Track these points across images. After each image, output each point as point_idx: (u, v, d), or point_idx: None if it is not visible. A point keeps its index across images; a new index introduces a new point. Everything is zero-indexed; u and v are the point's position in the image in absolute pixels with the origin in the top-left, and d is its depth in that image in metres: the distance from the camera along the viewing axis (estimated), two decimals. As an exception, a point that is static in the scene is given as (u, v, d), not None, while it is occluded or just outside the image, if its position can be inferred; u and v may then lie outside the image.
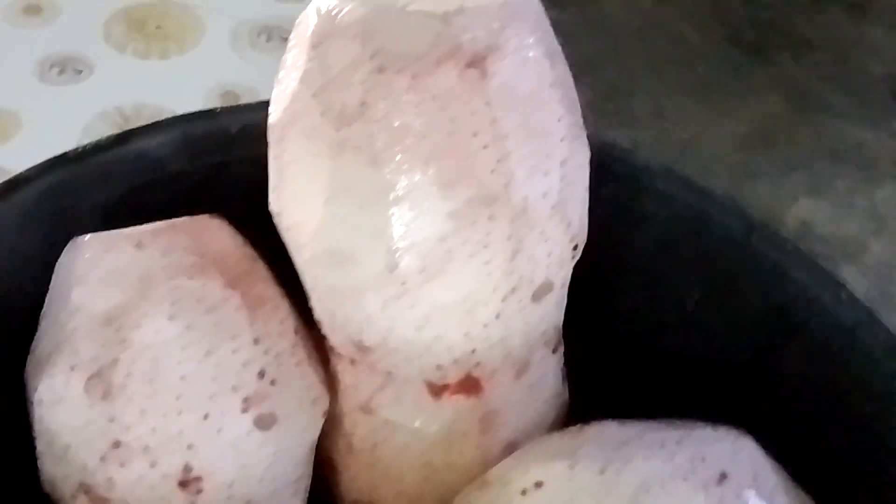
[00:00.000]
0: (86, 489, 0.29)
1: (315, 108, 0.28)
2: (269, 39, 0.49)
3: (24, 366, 0.30)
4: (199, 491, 0.29)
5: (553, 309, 0.32)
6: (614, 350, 0.36)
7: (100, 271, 0.30)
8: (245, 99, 0.48)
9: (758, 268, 0.33)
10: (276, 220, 0.30)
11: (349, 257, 0.29)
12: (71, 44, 0.51)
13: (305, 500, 0.33)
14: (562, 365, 0.35)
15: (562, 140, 0.29)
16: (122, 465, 0.28)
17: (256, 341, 0.30)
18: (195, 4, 0.53)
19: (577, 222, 0.30)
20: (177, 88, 0.48)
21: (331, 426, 0.34)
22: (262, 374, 0.30)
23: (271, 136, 0.30)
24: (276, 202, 0.30)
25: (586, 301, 0.33)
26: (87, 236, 0.30)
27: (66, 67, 0.51)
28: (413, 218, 0.28)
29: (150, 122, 0.33)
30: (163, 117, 0.33)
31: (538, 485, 0.27)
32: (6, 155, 0.47)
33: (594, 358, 0.35)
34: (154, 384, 0.28)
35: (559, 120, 0.29)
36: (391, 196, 0.28)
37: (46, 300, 0.31)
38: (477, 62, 0.27)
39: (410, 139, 0.27)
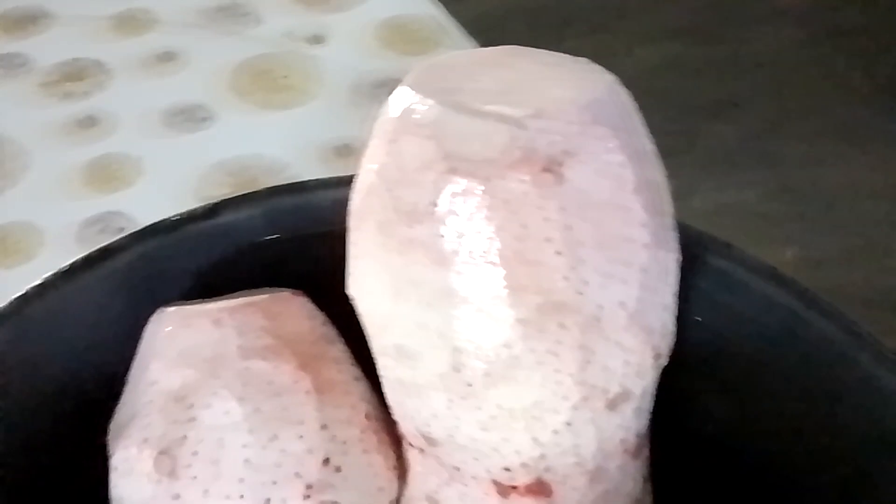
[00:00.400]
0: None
1: (389, 203, 0.28)
2: (390, 93, 0.49)
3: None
4: (255, 575, 0.29)
5: (632, 416, 0.30)
6: (696, 455, 0.34)
7: (177, 346, 0.30)
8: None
9: (862, 385, 0.30)
10: (353, 303, 0.30)
11: (414, 354, 0.28)
12: (198, 92, 0.53)
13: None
14: (645, 470, 0.33)
15: (644, 247, 0.28)
16: (180, 546, 0.29)
17: (324, 427, 0.30)
18: (320, 55, 0.54)
19: (660, 331, 0.29)
20: (294, 140, 0.49)
21: (398, 508, 0.33)
22: (326, 462, 0.30)
23: (349, 223, 0.30)
24: (351, 287, 0.30)
25: (669, 401, 0.31)
26: (171, 309, 0.31)
27: (191, 115, 0.53)
28: (479, 322, 0.27)
29: (266, 172, 0.33)
30: (278, 168, 0.34)
31: None
32: (127, 200, 0.49)
33: (676, 462, 0.33)
34: (218, 465, 0.29)
35: (642, 226, 0.28)
36: (457, 298, 0.27)
37: (132, 367, 0.32)
38: (552, 167, 0.26)
39: (479, 242, 0.26)
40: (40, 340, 0.32)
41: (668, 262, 0.29)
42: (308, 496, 0.29)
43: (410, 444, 0.32)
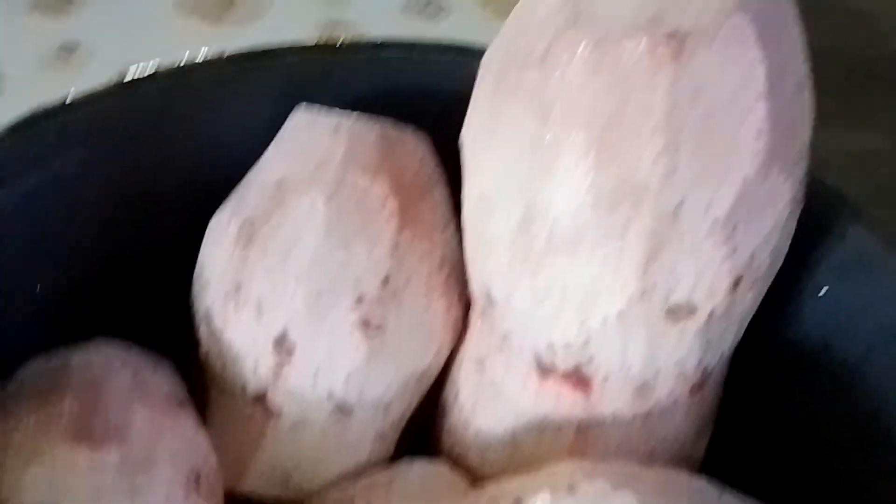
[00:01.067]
0: (208, 321, 0.32)
1: (510, 50, 0.28)
2: None
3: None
4: (289, 358, 0.30)
5: (694, 340, 0.28)
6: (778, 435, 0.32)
7: (294, 143, 0.32)
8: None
9: None
10: (461, 152, 0.31)
11: (493, 204, 0.28)
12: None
13: (395, 430, 0.33)
14: (703, 418, 0.31)
15: (753, 158, 0.26)
16: (236, 307, 0.30)
17: (394, 250, 0.31)
18: None
19: (746, 256, 0.27)
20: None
21: (449, 372, 0.33)
22: (385, 282, 0.30)
23: (479, 73, 0.30)
24: (462, 134, 0.30)
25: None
26: (304, 111, 0.33)
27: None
28: (556, 182, 0.27)
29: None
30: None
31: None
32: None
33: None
34: (288, 249, 0.30)
35: (758, 135, 0.26)
36: (544, 153, 0.27)
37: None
38: (675, 40, 0.25)
39: (579, 100, 0.26)
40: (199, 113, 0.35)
41: (781, 190, 0.27)
42: (356, 307, 0.30)
43: (475, 307, 0.32)
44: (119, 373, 0.30)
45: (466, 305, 0.33)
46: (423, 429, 0.34)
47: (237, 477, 0.31)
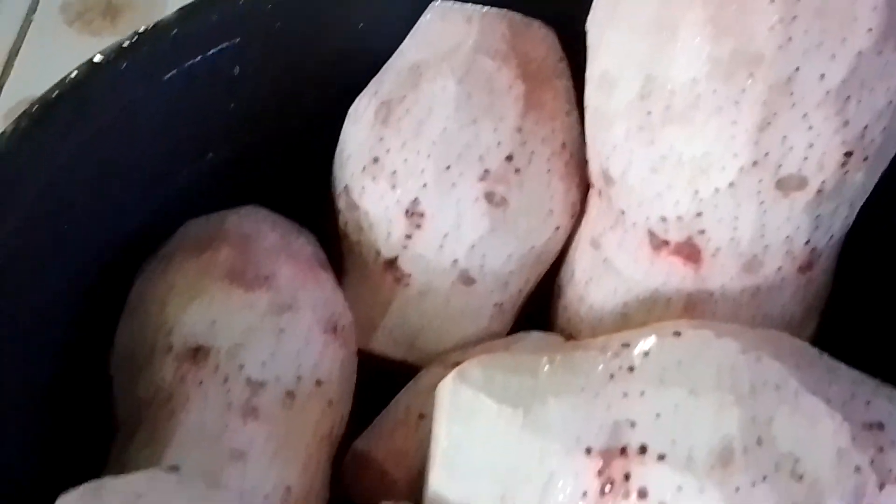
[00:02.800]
0: (347, 193, 0.35)
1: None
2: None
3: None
4: (419, 226, 0.33)
5: (804, 215, 0.30)
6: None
7: (429, 31, 0.35)
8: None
9: None
10: (587, 38, 0.32)
11: (613, 81, 0.30)
12: None
13: (513, 305, 0.35)
14: (814, 297, 0.32)
15: (869, 32, 0.27)
16: (373, 178, 0.33)
17: (518, 130, 0.33)
18: None
19: (858, 129, 0.28)
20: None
21: (566, 253, 0.36)
22: (509, 159, 0.33)
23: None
24: (588, 20, 0.32)
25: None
26: (439, 2, 0.35)
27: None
28: (675, 52, 0.28)
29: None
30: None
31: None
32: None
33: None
34: (421, 126, 0.33)
35: (873, 9, 0.27)
36: (664, 25, 0.28)
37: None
38: (794, -86, 0.26)
39: (699, -25, 0.27)
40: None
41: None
42: (483, 179, 0.32)
43: (593, 188, 0.34)
44: (269, 232, 0.33)
45: (584, 192, 0.35)
46: (540, 316, 0.37)
47: (367, 337, 0.34)
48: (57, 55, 0.53)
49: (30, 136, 0.31)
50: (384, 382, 0.34)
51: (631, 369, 0.26)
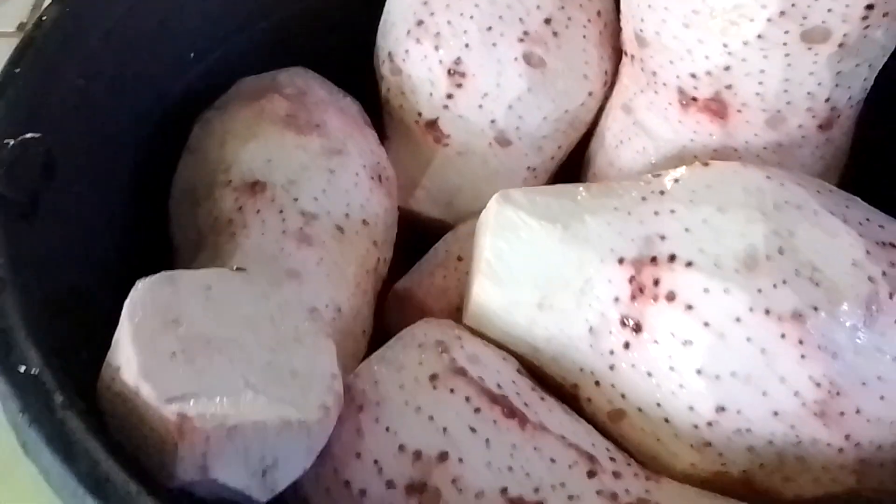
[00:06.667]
0: (391, 58, 0.37)
1: None
2: None
3: None
4: (460, 85, 0.35)
5: (825, 70, 0.31)
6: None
7: None
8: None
9: None
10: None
11: (650, -63, 0.32)
12: None
13: (546, 170, 0.37)
14: (834, 158, 0.34)
15: None
16: (417, 40, 0.35)
17: (556, -4, 0.35)
18: None
19: (880, -17, 0.30)
20: None
21: (597, 122, 0.37)
22: (548, 22, 0.35)
23: None
24: None
25: None
26: None
27: None
28: None
29: None
30: None
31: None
32: None
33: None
34: (463, -9, 0.35)
35: None
36: None
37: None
38: None
39: None
40: None
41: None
42: (522, 40, 0.34)
43: (625, 54, 0.36)
44: (318, 88, 0.35)
45: (616, 62, 0.37)
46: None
47: (408, 196, 0.36)
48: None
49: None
50: (420, 243, 0.36)
51: (662, 192, 0.28)
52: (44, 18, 0.31)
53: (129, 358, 0.23)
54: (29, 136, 0.27)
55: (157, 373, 0.23)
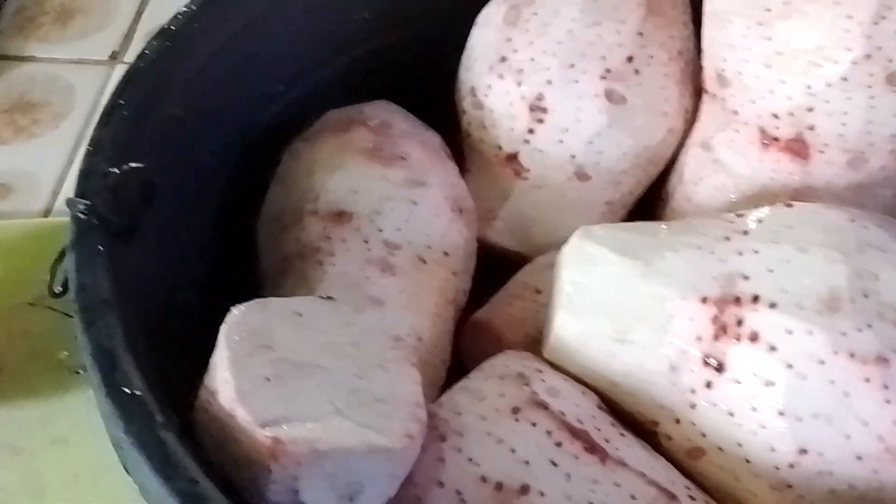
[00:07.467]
0: (473, 92, 0.37)
1: None
2: None
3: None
4: (541, 121, 0.36)
5: (911, 112, 0.31)
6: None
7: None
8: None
9: None
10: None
11: (733, -20, 0.32)
12: None
13: (624, 205, 0.37)
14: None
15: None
16: (500, 76, 0.36)
17: (639, 34, 0.35)
18: None
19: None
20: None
21: (676, 158, 0.38)
22: (630, 60, 0.35)
23: None
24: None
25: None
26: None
27: None
28: (797, -52, 0.30)
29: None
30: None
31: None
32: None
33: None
34: (548, 27, 0.35)
35: None
36: (787, -75, 0.31)
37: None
38: None
39: None
40: None
41: None
42: (604, 77, 0.35)
43: (705, 92, 0.36)
44: (401, 120, 0.36)
45: (696, 100, 0.37)
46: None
47: (486, 228, 0.37)
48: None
49: (185, 27, 0.34)
50: (498, 275, 0.37)
51: (745, 232, 0.29)
52: (146, 52, 0.32)
53: (224, 381, 0.24)
54: (133, 165, 0.28)
55: (252, 396, 0.23)
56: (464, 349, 0.35)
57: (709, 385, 0.27)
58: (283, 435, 0.23)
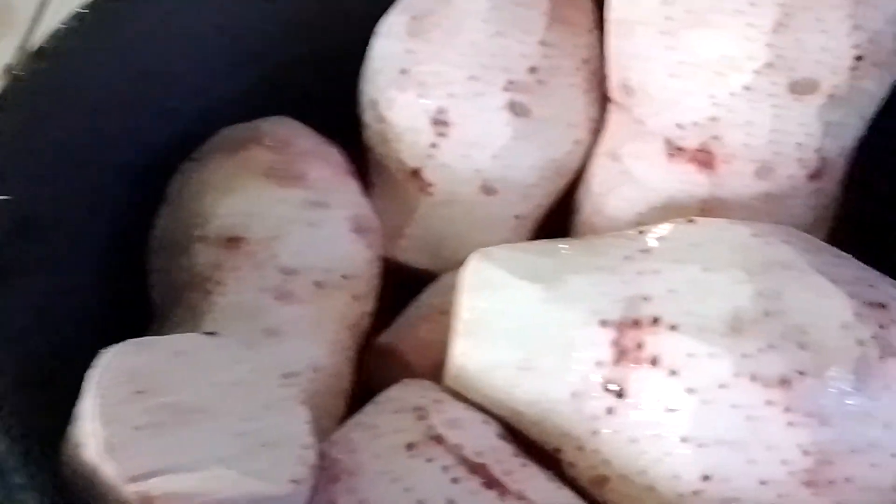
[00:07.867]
0: (374, 105, 0.36)
1: None
2: None
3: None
4: (444, 135, 0.34)
5: (815, 121, 0.31)
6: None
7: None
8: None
9: None
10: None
11: (636, -13, 0.32)
12: None
13: (533, 218, 0.36)
14: (824, 204, 0.34)
15: (880, -64, 0.28)
16: (401, 89, 0.35)
17: (543, 44, 0.34)
18: None
19: (869, 33, 0.29)
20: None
21: (583, 170, 0.37)
22: (533, 71, 0.34)
23: None
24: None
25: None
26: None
27: None
28: (696, -43, 0.30)
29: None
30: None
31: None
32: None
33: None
34: (451, 38, 0.34)
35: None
36: (685, -69, 0.30)
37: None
38: None
39: None
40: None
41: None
42: (507, 89, 0.34)
43: (611, 102, 0.35)
44: (301, 137, 0.35)
45: (603, 109, 0.36)
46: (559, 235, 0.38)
47: (393, 246, 0.36)
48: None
49: (69, 40, 0.32)
50: (406, 293, 0.36)
51: (646, 251, 0.28)
52: (20, 73, 0.30)
53: (90, 433, 0.22)
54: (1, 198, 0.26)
55: (122, 449, 0.22)
56: (371, 374, 0.34)
57: (610, 411, 0.26)
58: (154, 491, 0.21)
